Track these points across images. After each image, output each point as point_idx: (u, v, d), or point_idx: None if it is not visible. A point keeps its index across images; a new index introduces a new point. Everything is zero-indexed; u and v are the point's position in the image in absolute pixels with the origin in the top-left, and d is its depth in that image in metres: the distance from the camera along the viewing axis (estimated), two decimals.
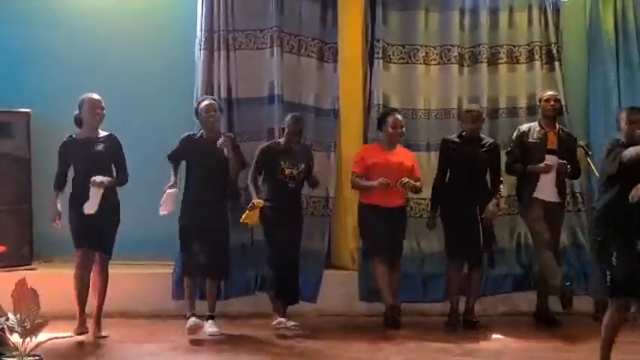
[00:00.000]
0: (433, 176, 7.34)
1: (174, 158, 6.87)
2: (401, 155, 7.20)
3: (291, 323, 6.97)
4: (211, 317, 6.78)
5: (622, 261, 5.17)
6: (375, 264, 7.07)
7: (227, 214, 6.98)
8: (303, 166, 7.03)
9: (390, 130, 7.12)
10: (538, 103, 7.46)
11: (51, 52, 8.02)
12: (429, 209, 7.43)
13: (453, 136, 7.34)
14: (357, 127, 7.91)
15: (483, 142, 7.25)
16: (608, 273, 5.23)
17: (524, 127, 7.41)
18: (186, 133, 6.92)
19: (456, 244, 7.12)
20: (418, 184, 7.14)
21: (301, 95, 7.82)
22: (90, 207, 6.41)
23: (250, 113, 7.65)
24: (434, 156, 7.59)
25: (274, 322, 6.84)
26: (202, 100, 7.01)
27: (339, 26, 7.89)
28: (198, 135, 6.92)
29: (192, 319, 6.66)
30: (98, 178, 6.41)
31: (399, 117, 7.19)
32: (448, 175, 7.27)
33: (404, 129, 7.19)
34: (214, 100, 7.11)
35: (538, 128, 7.32)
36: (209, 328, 6.70)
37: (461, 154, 7.16)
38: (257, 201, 6.81)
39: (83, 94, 6.67)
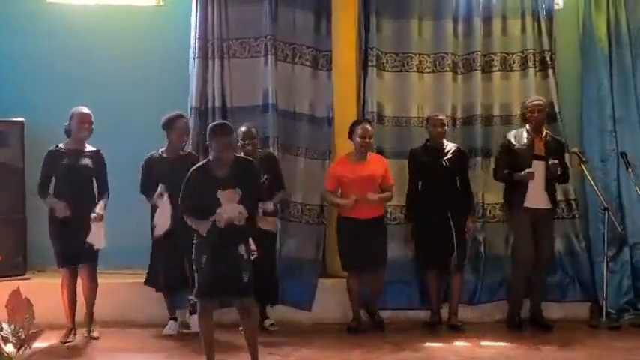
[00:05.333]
0: None
1: (147, 189, 6.89)
2: (371, 166, 7.17)
3: (269, 322, 7.09)
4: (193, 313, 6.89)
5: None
6: (347, 277, 7.20)
7: None
8: (265, 177, 6.93)
9: (359, 139, 7.09)
10: (525, 110, 7.46)
11: (45, 61, 8.00)
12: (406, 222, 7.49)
13: (418, 147, 7.42)
14: None
15: (447, 149, 7.30)
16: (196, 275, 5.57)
17: (511, 134, 7.45)
18: (146, 156, 6.97)
19: (428, 255, 7.23)
20: (388, 194, 7.19)
21: (295, 103, 7.82)
22: (98, 242, 6.60)
23: (244, 122, 7.63)
24: None
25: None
26: (178, 117, 7.01)
27: (333, 34, 7.90)
28: (159, 154, 6.96)
29: (170, 324, 7.00)
30: (98, 213, 6.56)
31: (369, 127, 7.19)
32: (420, 185, 7.35)
33: (372, 139, 7.21)
34: (186, 119, 7.18)
35: (525, 135, 7.35)
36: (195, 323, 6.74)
37: (426, 164, 7.25)
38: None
39: (77, 103, 6.72)
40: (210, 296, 5.62)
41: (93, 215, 6.55)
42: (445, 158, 7.25)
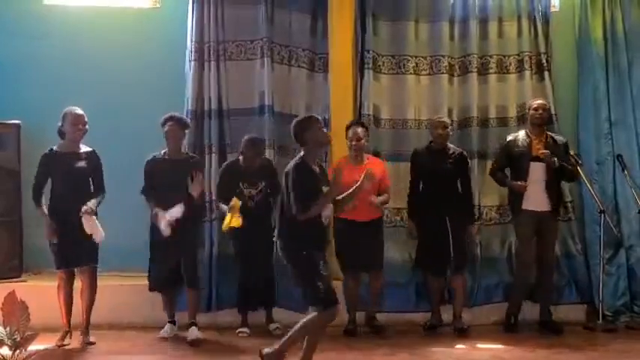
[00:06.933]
0: None
1: (148, 191, 6.86)
2: (369, 167, 7.16)
3: (274, 326, 7.13)
4: (193, 324, 6.84)
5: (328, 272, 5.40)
6: (345, 279, 7.19)
7: (195, 227, 7.02)
8: (263, 184, 7.03)
9: (348, 142, 7.18)
10: (527, 111, 7.50)
11: (41, 63, 7.97)
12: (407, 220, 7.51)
13: (422, 147, 7.40)
14: None
15: (450, 152, 7.30)
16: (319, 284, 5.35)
17: (511, 136, 7.47)
18: (150, 156, 6.93)
19: (424, 255, 7.26)
20: (386, 196, 7.20)
21: (292, 105, 7.81)
22: (96, 235, 6.50)
23: (241, 124, 7.63)
24: None
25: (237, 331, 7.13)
26: (166, 121, 6.92)
27: (329, 36, 7.91)
28: (162, 155, 6.92)
29: (167, 326, 6.96)
30: (88, 208, 6.46)
31: (359, 129, 7.17)
32: (421, 185, 7.36)
33: (363, 141, 7.15)
34: (180, 119, 7.01)
35: (524, 137, 7.35)
36: (192, 333, 6.75)
37: (429, 165, 7.24)
38: (234, 201, 6.80)
39: (73, 105, 6.67)
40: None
41: (84, 208, 6.45)
42: (448, 161, 7.24)
